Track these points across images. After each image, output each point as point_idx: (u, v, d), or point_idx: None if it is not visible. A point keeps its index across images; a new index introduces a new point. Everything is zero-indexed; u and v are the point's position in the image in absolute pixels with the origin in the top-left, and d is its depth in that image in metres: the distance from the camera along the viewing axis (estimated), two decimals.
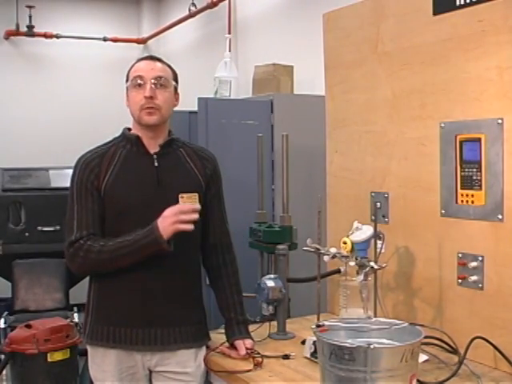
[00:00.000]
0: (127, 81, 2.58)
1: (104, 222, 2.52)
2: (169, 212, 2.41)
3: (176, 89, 2.63)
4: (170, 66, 2.62)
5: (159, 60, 2.60)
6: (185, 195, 2.49)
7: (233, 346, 2.59)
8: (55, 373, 4.13)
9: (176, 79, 2.63)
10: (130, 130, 2.63)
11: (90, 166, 2.52)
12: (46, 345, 4.10)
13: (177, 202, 2.48)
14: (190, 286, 2.61)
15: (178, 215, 2.40)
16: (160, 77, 2.53)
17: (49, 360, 4.11)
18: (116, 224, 2.51)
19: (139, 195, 2.51)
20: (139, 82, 2.51)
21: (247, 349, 2.54)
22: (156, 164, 2.55)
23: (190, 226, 2.42)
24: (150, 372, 2.59)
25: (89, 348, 2.61)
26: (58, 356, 4.14)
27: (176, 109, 2.66)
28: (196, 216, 2.43)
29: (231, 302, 2.66)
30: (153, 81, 2.51)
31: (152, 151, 2.57)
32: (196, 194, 2.52)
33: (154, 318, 2.51)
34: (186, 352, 2.57)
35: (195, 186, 2.59)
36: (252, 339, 2.62)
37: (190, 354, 2.58)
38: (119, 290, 2.52)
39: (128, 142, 2.59)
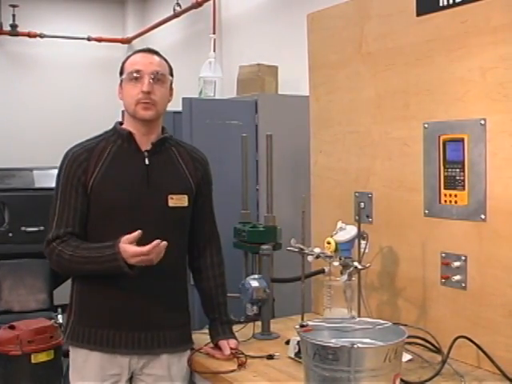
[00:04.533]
0: (121, 73, 2.50)
1: (87, 220, 2.47)
2: (138, 253, 2.28)
3: (171, 84, 2.58)
4: (166, 60, 2.56)
5: (157, 53, 2.54)
6: (174, 196, 2.49)
7: (217, 347, 2.58)
8: (39, 374, 4.12)
9: (172, 74, 2.58)
10: (121, 124, 2.58)
11: (78, 160, 2.45)
12: (29, 346, 4.09)
13: (165, 202, 2.48)
14: (175, 288, 2.58)
15: (140, 257, 2.29)
16: (158, 71, 2.47)
17: (33, 361, 4.10)
18: (101, 223, 2.46)
19: (128, 194, 2.45)
20: (136, 75, 2.44)
21: (231, 349, 2.54)
22: (147, 162, 2.49)
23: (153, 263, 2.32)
24: (132, 376, 2.53)
25: (70, 350, 2.55)
26: (41, 357, 4.12)
27: None
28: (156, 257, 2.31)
29: (216, 302, 2.65)
30: (151, 75, 2.45)
31: (143, 148, 2.51)
32: (185, 196, 2.53)
33: (139, 321, 2.47)
34: (171, 356, 2.54)
35: (185, 187, 2.56)
36: (236, 339, 2.61)
37: (174, 358, 2.55)
38: (103, 292, 2.47)
39: (119, 137, 2.51)
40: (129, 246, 2.29)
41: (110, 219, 2.46)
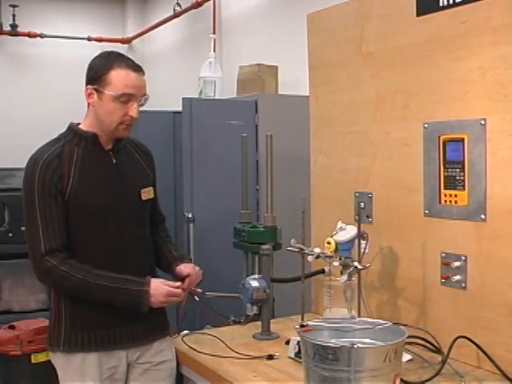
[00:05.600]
0: (101, 81, 2.42)
1: (68, 226, 2.44)
2: (172, 294, 2.47)
3: None
4: None
5: (143, 72, 2.51)
6: (145, 190, 2.59)
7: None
8: (39, 374, 4.12)
9: None
10: (77, 124, 2.56)
11: (51, 167, 2.41)
12: (29, 346, 4.09)
13: (138, 198, 2.56)
14: (153, 276, 2.58)
15: (170, 297, 2.48)
16: (145, 94, 2.49)
17: (32, 361, 4.10)
18: (83, 227, 2.46)
19: (105, 193, 2.48)
20: (127, 99, 2.42)
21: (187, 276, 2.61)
22: (114, 161, 2.53)
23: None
24: (128, 367, 2.58)
25: (62, 356, 2.49)
26: (41, 357, 4.12)
27: (160, 109, 2.65)
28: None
29: (168, 252, 2.74)
30: (141, 99, 2.47)
31: (106, 148, 2.53)
32: (151, 188, 2.64)
33: (133, 314, 2.48)
34: (162, 341, 2.63)
35: (149, 180, 2.66)
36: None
37: (164, 342, 2.64)
38: None
39: (82, 139, 2.50)
40: (165, 285, 2.47)
41: (91, 222, 2.47)
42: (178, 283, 2.52)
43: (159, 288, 2.44)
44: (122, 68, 2.43)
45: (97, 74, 2.45)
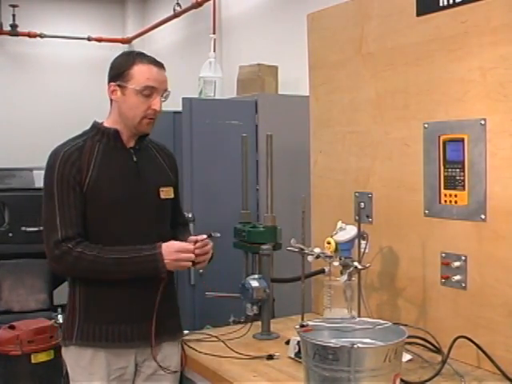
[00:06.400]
0: (124, 77, 2.48)
1: (85, 218, 2.47)
2: (183, 249, 2.45)
3: None
4: None
5: (164, 67, 2.56)
6: (164, 189, 2.61)
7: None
8: (39, 374, 4.12)
9: None
10: (100, 123, 2.60)
11: (71, 159, 2.46)
12: (29, 346, 4.09)
13: (156, 196, 2.57)
14: (170, 278, 2.59)
15: (183, 254, 2.45)
16: (167, 90, 2.54)
17: (32, 361, 4.09)
18: (99, 220, 2.48)
19: (123, 189, 2.50)
20: (149, 92, 2.48)
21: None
22: (135, 159, 2.56)
23: (190, 264, 2.51)
24: (136, 369, 2.58)
25: (74, 350, 2.52)
26: (41, 357, 4.12)
27: None
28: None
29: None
30: (163, 93, 2.52)
31: (128, 146, 2.57)
32: (171, 188, 2.66)
33: (145, 312, 2.50)
34: (171, 345, 2.61)
35: (169, 180, 2.68)
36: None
37: (173, 346, 2.63)
38: (109, 287, 2.48)
39: (104, 135, 2.55)
40: (173, 242, 2.47)
41: (108, 216, 2.50)
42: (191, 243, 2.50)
43: (170, 246, 2.45)
44: (143, 63, 2.51)
45: (119, 70, 2.51)
